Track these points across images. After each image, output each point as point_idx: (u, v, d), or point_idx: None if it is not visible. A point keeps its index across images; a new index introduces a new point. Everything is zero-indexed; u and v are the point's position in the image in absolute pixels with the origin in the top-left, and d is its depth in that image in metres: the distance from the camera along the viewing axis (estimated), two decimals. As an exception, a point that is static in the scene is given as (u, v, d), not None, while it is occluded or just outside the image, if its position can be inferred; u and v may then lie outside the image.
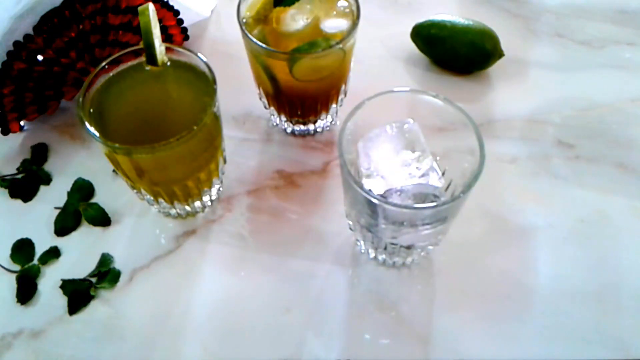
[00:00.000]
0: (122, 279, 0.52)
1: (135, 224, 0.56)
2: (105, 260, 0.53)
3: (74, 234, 0.55)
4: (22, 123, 0.62)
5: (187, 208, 0.55)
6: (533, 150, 0.60)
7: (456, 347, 0.47)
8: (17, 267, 0.53)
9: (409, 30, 0.67)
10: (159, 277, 0.52)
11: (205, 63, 0.48)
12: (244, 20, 0.53)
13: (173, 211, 0.55)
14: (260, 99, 0.61)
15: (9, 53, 0.56)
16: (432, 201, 0.46)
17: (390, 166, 0.46)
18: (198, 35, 0.70)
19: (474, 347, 0.47)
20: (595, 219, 0.54)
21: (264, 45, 0.50)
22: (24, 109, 0.60)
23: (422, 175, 0.46)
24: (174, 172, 0.49)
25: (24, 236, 0.55)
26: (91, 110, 0.47)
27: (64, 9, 0.57)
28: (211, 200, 0.56)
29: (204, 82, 0.48)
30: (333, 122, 0.62)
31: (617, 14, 0.72)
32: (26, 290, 0.51)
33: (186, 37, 0.67)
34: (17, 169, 0.60)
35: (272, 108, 0.60)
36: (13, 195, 0.58)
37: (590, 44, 0.69)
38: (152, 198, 0.52)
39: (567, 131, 0.61)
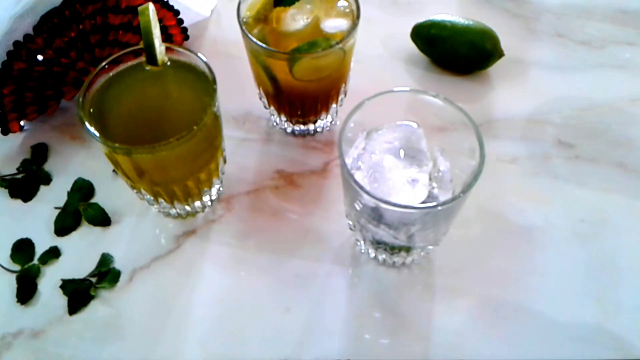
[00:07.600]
0: (122, 279, 0.52)
1: (135, 224, 0.56)
2: (105, 260, 0.53)
3: (74, 234, 0.55)
4: (22, 123, 0.62)
5: (187, 208, 0.55)
6: (533, 150, 0.60)
7: (456, 347, 0.47)
8: (17, 267, 0.53)
9: (409, 30, 0.67)
10: (159, 277, 0.52)
11: (205, 63, 0.48)
12: (244, 20, 0.53)
13: (173, 211, 0.55)
14: (260, 99, 0.61)
15: (9, 53, 0.56)
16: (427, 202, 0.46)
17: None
18: (198, 35, 0.70)
19: (474, 347, 0.47)
20: (595, 219, 0.54)
21: (264, 45, 0.50)
22: (24, 109, 0.60)
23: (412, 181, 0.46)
24: (174, 172, 0.49)
25: (24, 236, 0.55)
26: (91, 110, 0.47)
27: (64, 9, 0.57)
28: (211, 200, 0.56)
29: (204, 82, 0.48)
30: (333, 122, 0.62)
31: (617, 14, 0.72)
32: (26, 290, 0.51)
33: (186, 37, 0.67)
34: (17, 169, 0.60)
35: (272, 108, 0.60)
36: (13, 195, 0.58)
37: (590, 44, 0.69)
38: (152, 198, 0.52)
39: (567, 131, 0.61)
